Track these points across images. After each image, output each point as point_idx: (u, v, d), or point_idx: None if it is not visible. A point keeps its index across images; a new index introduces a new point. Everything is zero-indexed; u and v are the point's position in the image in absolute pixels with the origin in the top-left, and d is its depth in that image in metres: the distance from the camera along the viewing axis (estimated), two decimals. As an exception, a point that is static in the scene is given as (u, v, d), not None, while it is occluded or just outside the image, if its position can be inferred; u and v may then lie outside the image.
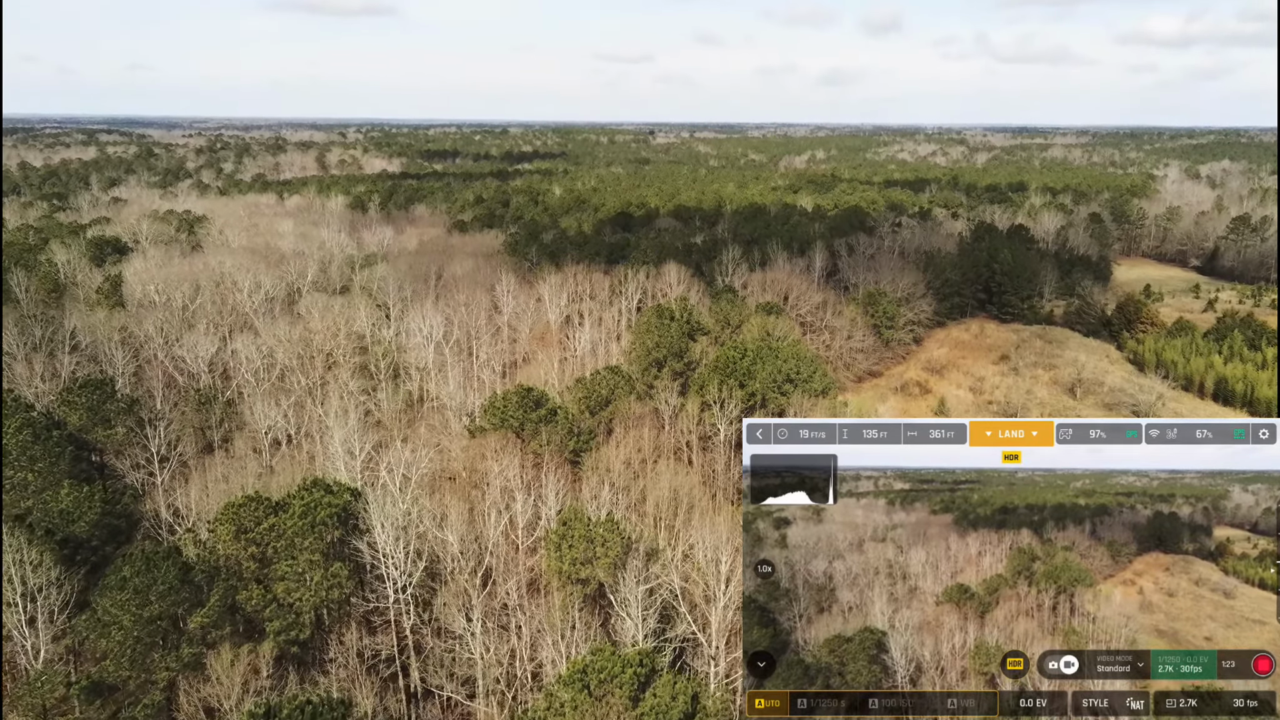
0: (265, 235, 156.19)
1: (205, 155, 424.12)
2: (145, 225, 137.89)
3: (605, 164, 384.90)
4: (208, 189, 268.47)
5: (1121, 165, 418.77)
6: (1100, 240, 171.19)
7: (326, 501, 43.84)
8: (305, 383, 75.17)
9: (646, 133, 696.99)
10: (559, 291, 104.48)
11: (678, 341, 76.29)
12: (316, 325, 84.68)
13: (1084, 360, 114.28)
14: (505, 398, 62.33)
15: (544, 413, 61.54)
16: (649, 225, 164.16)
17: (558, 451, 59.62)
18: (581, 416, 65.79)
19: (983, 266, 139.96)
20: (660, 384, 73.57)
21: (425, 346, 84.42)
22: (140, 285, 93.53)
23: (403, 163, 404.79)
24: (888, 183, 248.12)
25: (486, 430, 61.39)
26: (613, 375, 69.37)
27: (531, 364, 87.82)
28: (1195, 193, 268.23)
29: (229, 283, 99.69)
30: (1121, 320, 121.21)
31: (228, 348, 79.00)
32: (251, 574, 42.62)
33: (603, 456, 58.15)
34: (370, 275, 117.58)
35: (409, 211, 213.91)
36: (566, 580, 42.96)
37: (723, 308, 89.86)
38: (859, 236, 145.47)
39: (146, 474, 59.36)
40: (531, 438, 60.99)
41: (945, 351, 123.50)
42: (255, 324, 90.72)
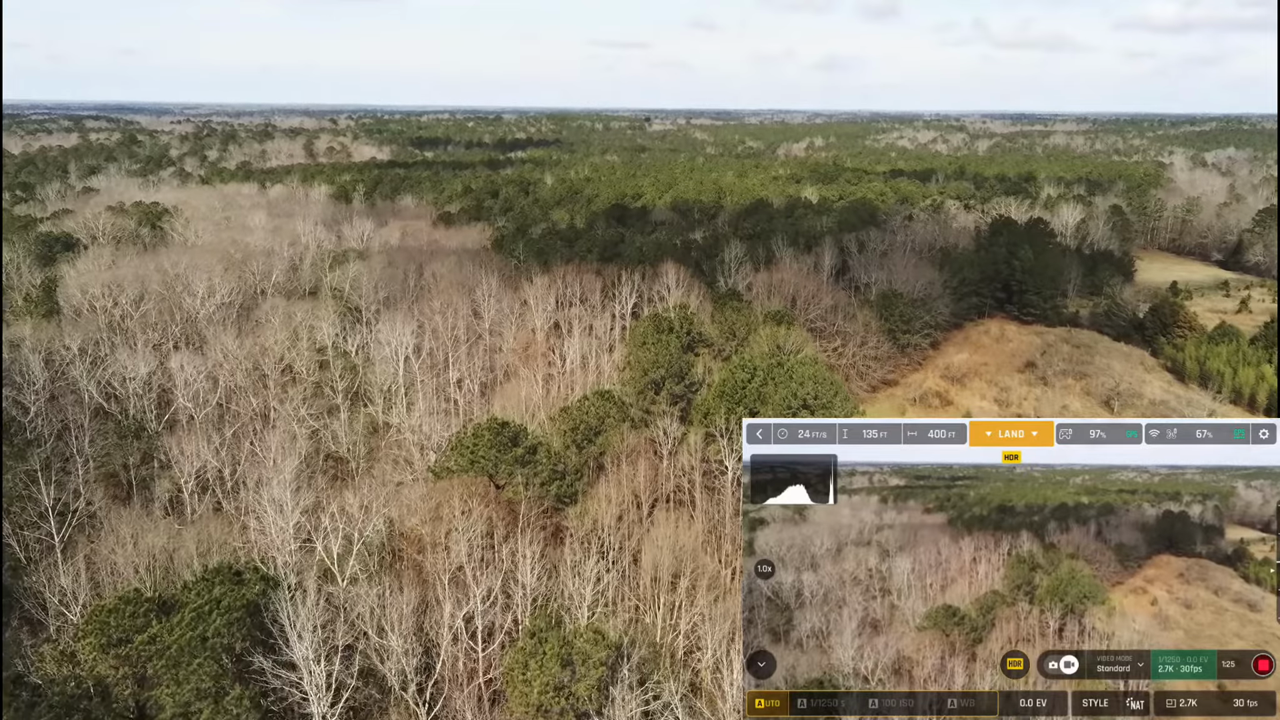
0: (236, 230, 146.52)
1: (190, 142, 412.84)
2: (103, 219, 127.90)
3: (600, 151, 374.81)
4: (189, 177, 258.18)
5: (1126, 153, 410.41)
6: (1122, 234, 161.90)
7: (229, 601, 34.50)
8: (254, 406, 65.81)
9: (643, 119, 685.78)
10: (546, 294, 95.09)
11: (677, 360, 66.99)
12: (272, 337, 75.26)
13: (1118, 368, 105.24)
14: (476, 433, 53.04)
15: (521, 452, 52.29)
16: (645, 219, 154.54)
17: (537, 499, 50.40)
18: (566, 453, 56.54)
19: (1002, 264, 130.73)
20: (658, 409, 64.34)
21: (395, 361, 75.00)
22: (79, 290, 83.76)
23: (393, 150, 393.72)
24: (892, 172, 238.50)
25: (454, 472, 52.12)
26: (603, 402, 60.10)
27: (514, 380, 78.54)
28: (1207, 182, 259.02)
29: (181, 286, 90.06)
30: (1156, 323, 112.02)
31: (169, 364, 69.41)
32: (124, 705, 33.28)
33: (590, 507, 48.97)
34: (342, 275, 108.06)
35: (394, 202, 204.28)
36: (536, 712, 33.80)
37: (727, 317, 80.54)
38: (869, 232, 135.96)
39: (45, 533, 49.58)
40: (507, 481, 51.76)
41: (965, 357, 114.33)
42: (206, 335, 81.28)
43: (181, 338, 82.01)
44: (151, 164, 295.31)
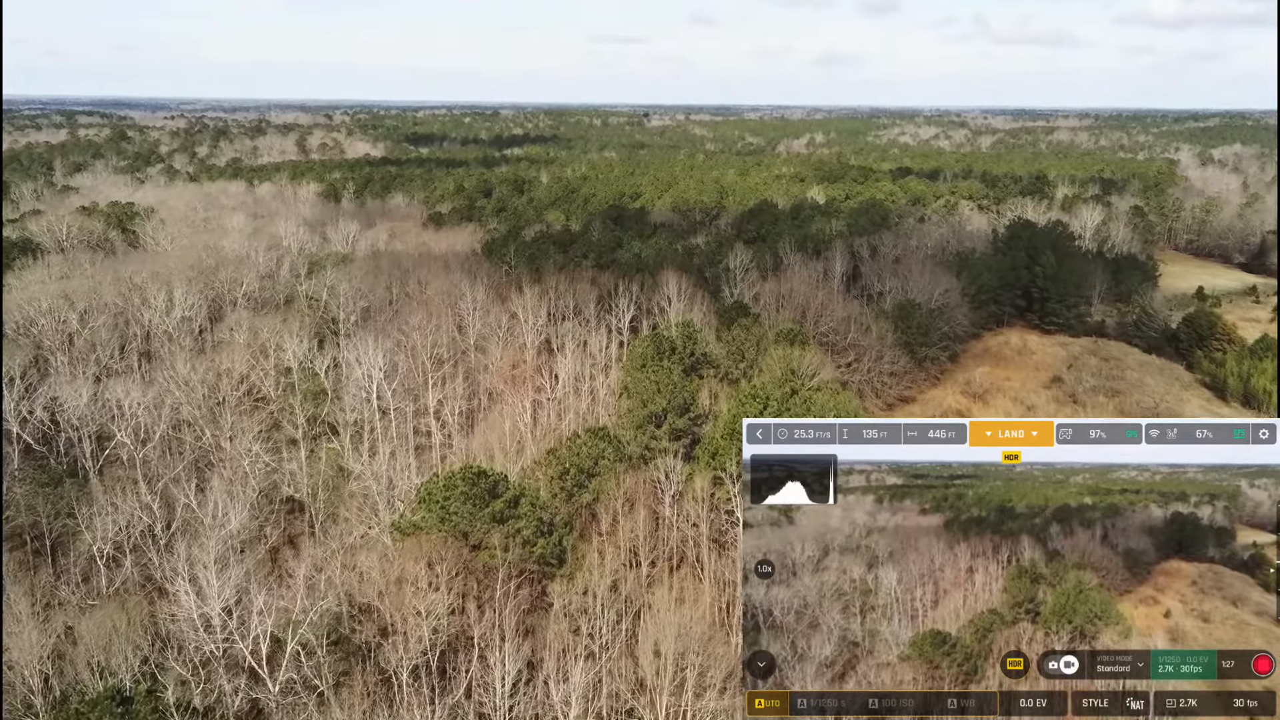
0: (214, 233, 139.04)
1: (181, 138, 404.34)
2: (66, 222, 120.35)
3: (598, 148, 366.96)
4: (177, 174, 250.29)
5: (1132, 149, 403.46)
6: (1144, 236, 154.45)
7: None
8: (206, 440, 58.42)
9: (641, 115, 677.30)
10: (537, 306, 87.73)
11: (680, 389, 59.53)
12: (231, 358, 67.92)
13: (1152, 385, 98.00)
14: (449, 483, 45.67)
15: (500, 506, 44.94)
16: (644, 220, 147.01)
17: (519, 562, 43.11)
18: (554, 503, 49.21)
19: (1022, 269, 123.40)
20: (658, 445, 56.99)
21: (367, 384, 67.57)
22: (19, 306, 76.13)
23: (387, 147, 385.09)
24: (899, 170, 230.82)
25: (421, 529, 44.82)
26: (596, 441, 52.73)
27: (499, 405, 71.25)
28: (1220, 180, 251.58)
29: (139, 299, 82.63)
30: (1191, 335, 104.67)
31: (113, 391, 61.83)
32: None
33: (580, 575, 41.69)
34: (319, 283, 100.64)
35: (384, 201, 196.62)
36: None
37: (735, 335, 73.14)
38: (881, 235, 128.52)
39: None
40: (483, 540, 44.46)
41: (985, 371, 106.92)
42: (163, 355, 73.96)
43: (137, 358, 74.60)
44: (139, 161, 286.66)
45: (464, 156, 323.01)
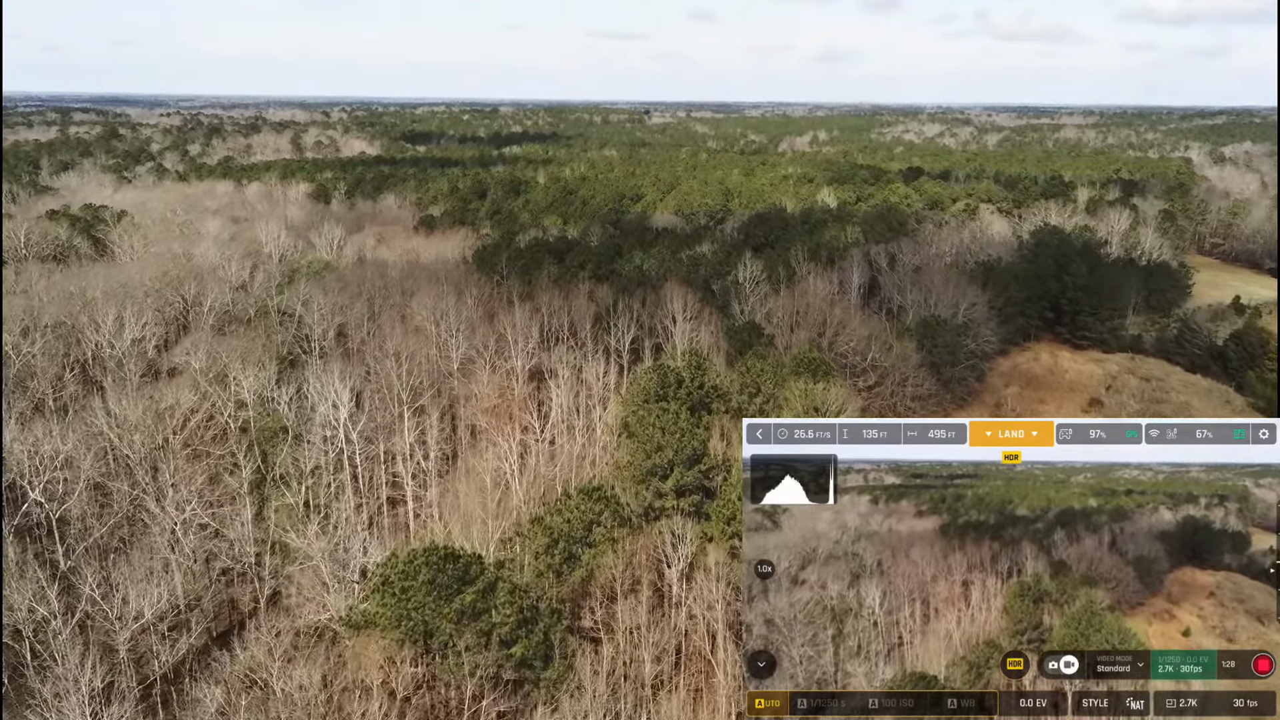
0: (190, 238, 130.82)
1: (173, 136, 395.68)
2: (25, 229, 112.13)
3: (599, 146, 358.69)
4: (166, 174, 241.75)
5: (1141, 147, 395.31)
6: (1175, 242, 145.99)
7: None
8: (132, 499, 50.14)
9: (641, 112, 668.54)
10: (529, 326, 79.55)
11: (689, 436, 51.23)
12: (176, 393, 59.72)
13: (1199, 408, 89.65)
14: (409, 568, 37.35)
15: (471, 597, 36.65)
16: (645, 226, 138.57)
17: (492, 674, 34.90)
18: (539, 582, 41.00)
19: (1050, 279, 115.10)
20: (664, 504, 48.77)
21: (332, 423, 59.32)
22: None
23: (383, 145, 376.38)
24: (909, 170, 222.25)
25: (375, 625, 36.59)
26: (590, 504, 44.47)
27: (481, 444, 63.05)
28: (1238, 179, 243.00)
29: (86, 319, 74.47)
30: (1241, 353, 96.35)
31: (31, 434, 53.53)
32: None
33: (565, 701, 33.47)
34: (292, 297, 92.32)
35: (375, 203, 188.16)
36: None
37: (749, 365, 64.82)
38: (900, 243, 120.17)
39: None
40: (448, 645, 36.21)
41: (1016, 392, 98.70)
42: (106, 386, 65.81)
43: (78, 390, 66.44)
44: (129, 160, 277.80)
45: (460, 155, 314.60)
